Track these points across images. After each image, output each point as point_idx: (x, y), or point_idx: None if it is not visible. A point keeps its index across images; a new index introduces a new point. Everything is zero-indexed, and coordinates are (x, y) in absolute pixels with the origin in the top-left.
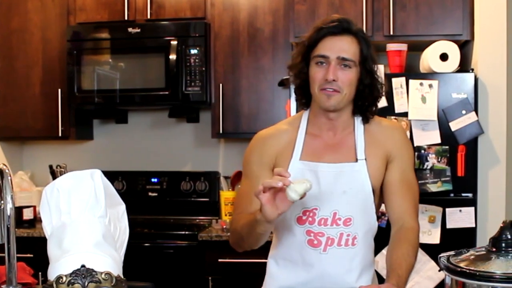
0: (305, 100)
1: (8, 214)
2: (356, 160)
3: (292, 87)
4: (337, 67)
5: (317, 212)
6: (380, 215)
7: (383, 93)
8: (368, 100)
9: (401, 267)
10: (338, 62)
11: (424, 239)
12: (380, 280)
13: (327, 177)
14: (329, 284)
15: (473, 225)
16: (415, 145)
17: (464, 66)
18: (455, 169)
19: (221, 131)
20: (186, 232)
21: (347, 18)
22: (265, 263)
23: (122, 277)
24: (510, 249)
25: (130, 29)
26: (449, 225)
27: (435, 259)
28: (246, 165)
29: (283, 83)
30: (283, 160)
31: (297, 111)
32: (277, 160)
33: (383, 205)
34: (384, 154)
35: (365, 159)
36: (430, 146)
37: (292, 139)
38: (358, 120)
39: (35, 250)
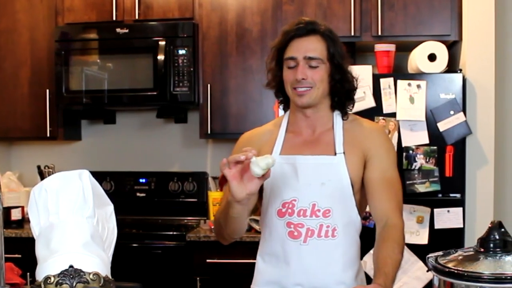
0: (285, 102)
1: None
2: (335, 154)
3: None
4: (306, 67)
5: (296, 204)
6: (368, 216)
7: (357, 86)
8: (343, 94)
9: (387, 265)
10: (306, 62)
11: (412, 239)
12: (369, 280)
13: (306, 169)
14: (311, 277)
15: (461, 226)
16: (403, 145)
17: (452, 66)
18: (443, 169)
19: (209, 132)
20: (174, 233)
21: (312, 20)
22: (253, 263)
23: (110, 277)
24: (498, 249)
25: (118, 30)
26: (437, 226)
27: (423, 260)
28: None
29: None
30: None
31: (284, 112)
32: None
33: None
34: (362, 153)
35: (344, 153)
36: (418, 146)
37: (274, 138)
38: (337, 117)
39: (23, 250)
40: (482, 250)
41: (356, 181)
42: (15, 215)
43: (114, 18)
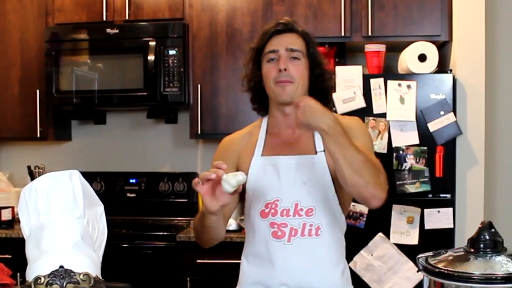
0: (262, 107)
1: None
2: (315, 153)
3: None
4: (287, 59)
5: (279, 204)
6: (358, 216)
7: (335, 84)
8: (321, 92)
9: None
10: (288, 54)
11: (402, 239)
12: (357, 281)
13: (287, 169)
14: (296, 276)
15: (452, 226)
16: (393, 146)
17: (443, 67)
18: (433, 170)
19: (199, 132)
20: (165, 233)
21: (289, 19)
22: (240, 263)
23: (101, 277)
24: (488, 249)
25: (108, 30)
26: (427, 226)
27: (414, 260)
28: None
29: None
30: (246, 159)
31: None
32: (240, 159)
33: (359, 205)
34: None
35: (324, 151)
36: (408, 146)
37: (254, 140)
38: None
39: (13, 251)
40: (472, 250)
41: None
42: (5, 215)
43: (104, 19)
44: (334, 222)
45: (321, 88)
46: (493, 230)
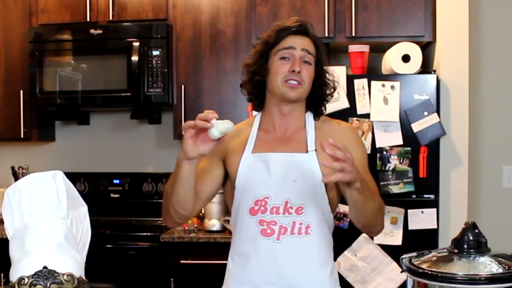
0: (259, 101)
1: None
2: (307, 151)
3: (243, 91)
4: (301, 62)
5: (269, 201)
6: (342, 217)
7: (334, 92)
8: (322, 97)
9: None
10: (302, 55)
11: (386, 240)
12: (341, 281)
13: (278, 166)
14: (285, 275)
15: (435, 227)
16: (377, 146)
17: (426, 67)
18: (417, 170)
19: (183, 133)
20: (148, 234)
21: (306, 20)
22: (227, 264)
23: (84, 278)
24: (472, 250)
25: (92, 31)
26: (411, 227)
27: (397, 260)
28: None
29: None
30: (236, 155)
31: (257, 111)
32: (231, 154)
33: (342, 206)
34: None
35: (315, 150)
36: (392, 147)
37: (246, 136)
38: (309, 117)
39: None
40: (456, 251)
41: None
42: None
43: (88, 19)
44: (323, 221)
45: (321, 96)
46: (476, 230)
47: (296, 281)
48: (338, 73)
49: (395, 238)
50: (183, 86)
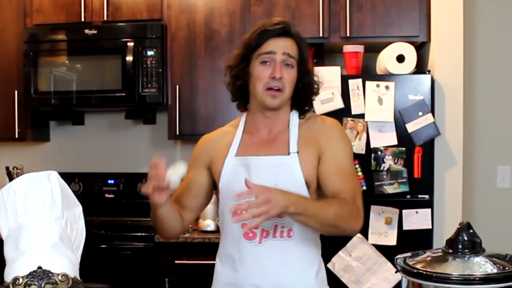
0: (243, 102)
1: None
2: (288, 153)
3: (228, 89)
4: (282, 65)
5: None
6: None
7: (319, 90)
8: (306, 97)
9: (315, 201)
10: (283, 59)
11: (381, 240)
12: (335, 281)
13: (259, 170)
14: (268, 278)
15: (430, 227)
16: (371, 146)
17: (421, 67)
18: (411, 170)
19: (177, 133)
20: (143, 234)
21: (287, 21)
22: (215, 264)
23: (79, 278)
24: (466, 250)
25: (86, 31)
26: (405, 227)
27: (392, 261)
28: (189, 166)
29: None
30: (220, 159)
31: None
32: (214, 159)
33: None
34: (317, 149)
35: (297, 152)
36: (386, 147)
37: (230, 139)
38: (294, 116)
39: None
40: (450, 251)
41: (311, 180)
42: None
43: (82, 19)
44: None
45: (304, 96)
46: (471, 231)
47: (279, 284)
48: (332, 73)
49: (390, 238)
50: (177, 86)
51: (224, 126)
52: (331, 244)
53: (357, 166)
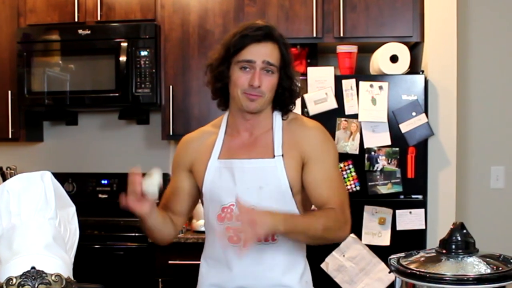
0: (223, 102)
1: None
2: (273, 156)
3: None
4: (262, 73)
5: (234, 208)
6: None
7: (299, 94)
8: (287, 101)
9: (301, 216)
10: (263, 67)
11: (374, 240)
12: (329, 282)
13: (243, 173)
14: (252, 281)
15: (423, 227)
16: (365, 147)
17: (414, 68)
18: (405, 171)
19: (171, 133)
20: (136, 234)
21: (269, 24)
22: (200, 265)
23: (72, 279)
24: (460, 250)
25: (80, 31)
26: (399, 227)
27: (385, 261)
28: (172, 168)
29: None
30: (202, 161)
31: (222, 110)
32: (196, 161)
33: None
34: (299, 155)
35: (282, 155)
36: (380, 148)
37: (212, 140)
38: (277, 117)
39: None
40: (444, 251)
41: (295, 184)
42: None
43: (76, 20)
44: None
45: (286, 100)
46: (464, 231)
47: (265, 286)
48: (326, 73)
49: (383, 238)
50: (171, 86)
51: (204, 126)
52: (324, 245)
53: (351, 166)
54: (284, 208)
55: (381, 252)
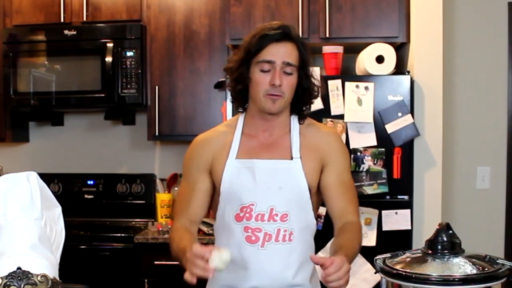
0: (243, 104)
1: None
2: (291, 158)
3: (229, 90)
4: (281, 73)
5: (254, 208)
6: (316, 218)
7: (319, 94)
8: (306, 102)
9: (347, 248)
10: (283, 67)
11: None
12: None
13: (263, 173)
14: (267, 281)
15: (409, 227)
16: (351, 147)
17: (400, 68)
18: (391, 171)
19: (157, 133)
20: (122, 235)
21: (287, 24)
22: None
23: (58, 279)
24: (446, 251)
25: (66, 32)
26: (385, 227)
27: (371, 261)
28: (185, 169)
29: (220, 85)
30: (220, 161)
31: (233, 114)
32: (214, 161)
33: (320, 208)
34: (319, 157)
35: (300, 157)
36: (366, 148)
37: (229, 140)
38: (294, 121)
39: None
40: (430, 252)
41: (313, 185)
42: None
43: (62, 20)
44: (305, 227)
45: (305, 100)
46: (450, 231)
47: (277, 285)
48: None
49: (369, 239)
50: (157, 87)
51: (218, 125)
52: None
53: None
54: (301, 209)
55: (367, 252)
